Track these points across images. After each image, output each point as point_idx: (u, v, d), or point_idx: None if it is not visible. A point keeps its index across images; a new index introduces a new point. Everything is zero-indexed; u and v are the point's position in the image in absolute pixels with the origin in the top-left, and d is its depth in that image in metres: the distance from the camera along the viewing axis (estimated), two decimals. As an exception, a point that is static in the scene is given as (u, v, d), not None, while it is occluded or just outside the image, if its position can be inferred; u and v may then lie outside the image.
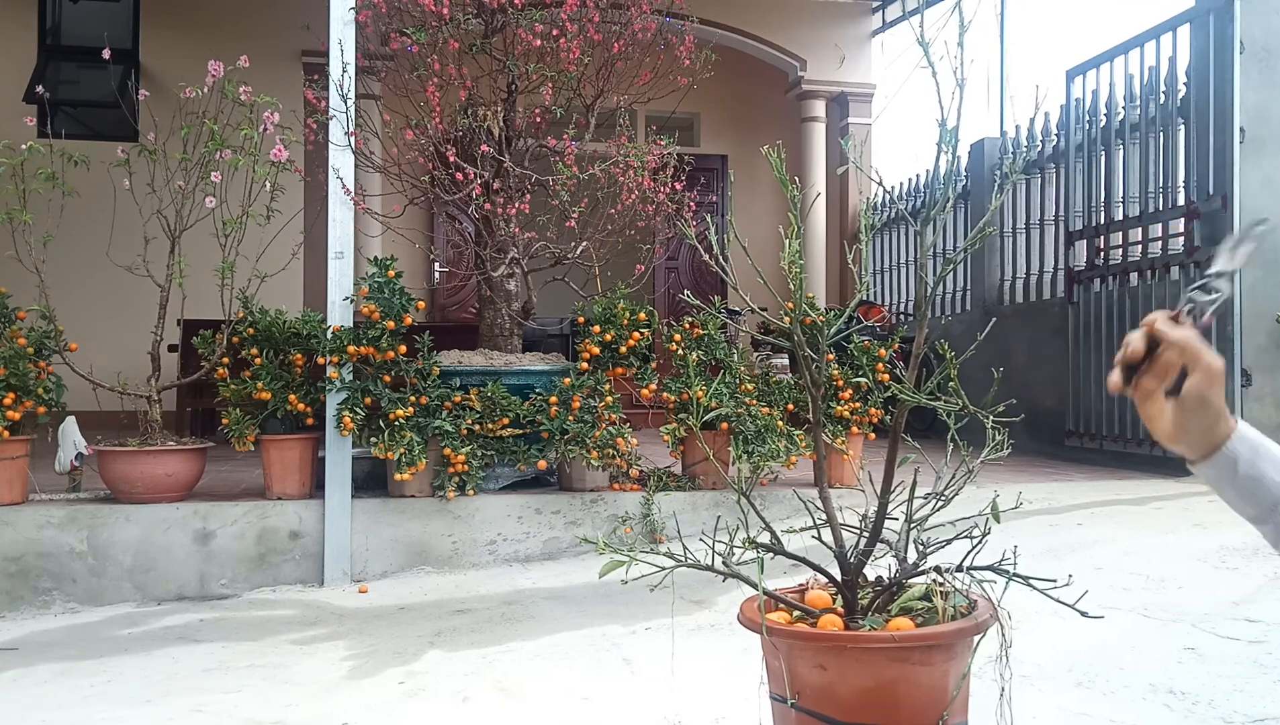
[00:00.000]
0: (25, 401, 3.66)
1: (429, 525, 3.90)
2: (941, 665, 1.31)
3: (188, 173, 3.89)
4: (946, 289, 7.97)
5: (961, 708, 1.34)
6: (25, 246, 3.73)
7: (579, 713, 2.29)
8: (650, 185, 4.39)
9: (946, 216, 1.53)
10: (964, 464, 1.44)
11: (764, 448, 4.02)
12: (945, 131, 1.33)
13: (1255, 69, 4.88)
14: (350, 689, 2.53)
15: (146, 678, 2.70)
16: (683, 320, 4.29)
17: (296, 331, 3.98)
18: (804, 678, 1.34)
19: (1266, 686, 2.12)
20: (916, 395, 1.40)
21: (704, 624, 2.89)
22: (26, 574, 3.60)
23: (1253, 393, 4.82)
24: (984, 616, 1.33)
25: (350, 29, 3.96)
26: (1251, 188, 4.85)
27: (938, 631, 1.31)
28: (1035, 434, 6.16)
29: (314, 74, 5.29)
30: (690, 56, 4.49)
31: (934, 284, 1.45)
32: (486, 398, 3.91)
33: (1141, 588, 2.88)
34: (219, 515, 3.76)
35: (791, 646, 1.35)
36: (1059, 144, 6.43)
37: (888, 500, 1.44)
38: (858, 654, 1.30)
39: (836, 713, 1.31)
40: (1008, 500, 1.58)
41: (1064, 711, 2.09)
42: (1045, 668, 2.30)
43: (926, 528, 1.47)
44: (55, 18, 8.53)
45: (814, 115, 9.49)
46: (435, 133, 4.13)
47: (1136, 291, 5.43)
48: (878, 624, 1.35)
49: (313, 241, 4.56)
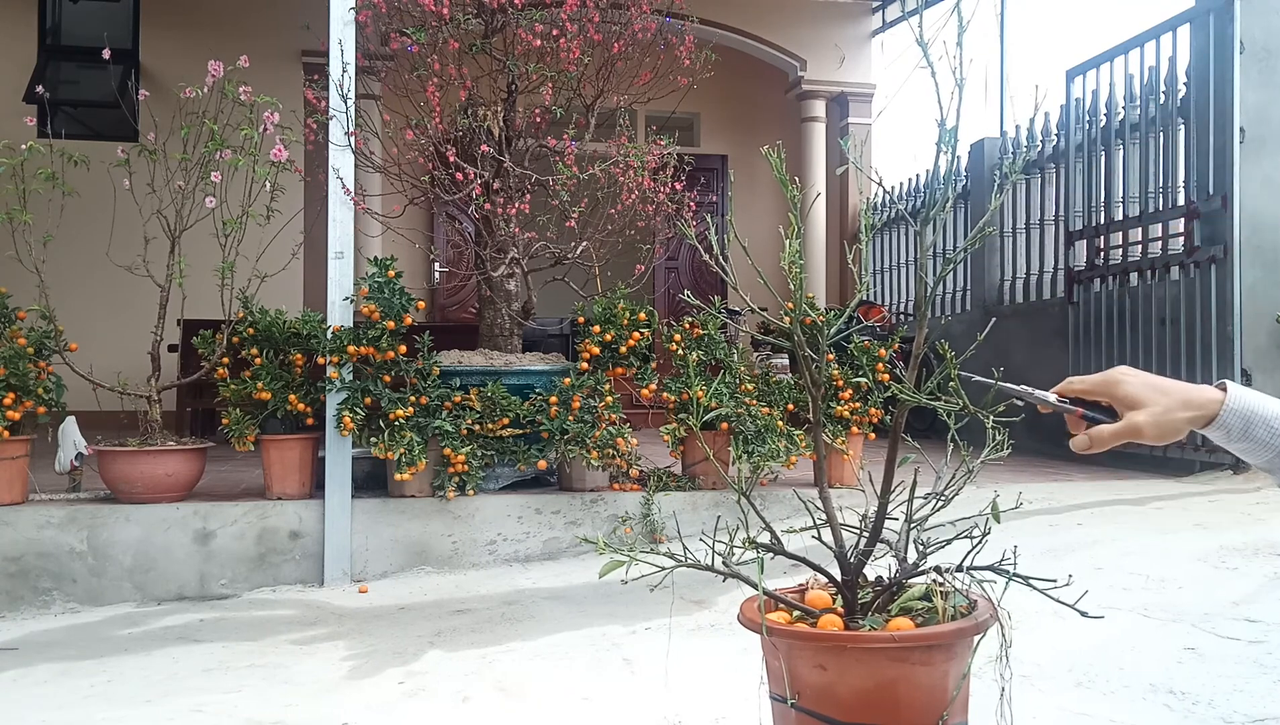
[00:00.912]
0: (25, 401, 3.66)
1: (429, 525, 3.90)
2: (942, 665, 1.31)
3: (188, 173, 3.89)
4: (946, 289, 7.97)
5: (961, 708, 1.34)
6: (25, 246, 3.73)
7: (579, 713, 2.29)
8: (650, 185, 4.39)
9: (946, 216, 1.53)
10: (964, 464, 1.44)
11: (764, 448, 4.02)
12: (945, 131, 1.33)
13: (1255, 69, 4.88)
14: (350, 689, 2.53)
15: (146, 678, 2.70)
16: (683, 320, 4.28)
17: (296, 331, 3.98)
18: (804, 678, 1.34)
19: (1266, 686, 2.12)
20: (916, 395, 1.40)
21: (704, 624, 2.89)
22: (26, 574, 3.60)
23: (1253, 393, 4.82)
24: (984, 616, 1.33)
25: (350, 29, 3.96)
26: (1251, 188, 4.85)
27: (938, 631, 1.31)
28: (1035, 434, 6.16)
29: (314, 74, 5.29)
30: (690, 56, 4.49)
31: (934, 284, 1.45)
32: (486, 398, 3.91)
33: (1141, 588, 2.88)
34: (219, 515, 3.76)
35: (791, 646, 1.35)
36: (1059, 144, 6.43)
37: (888, 500, 1.44)
38: (858, 654, 1.30)
39: (836, 713, 1.31)
40: (1008, 500, 1.58)
41: (1064, 711, 2.09)
42: (1045, 668, 2.30)
43: (926, 528, 1.46)
44: (55, 18, 8.53)
45: (814, 115, 9.49)
46: (435, 133, 4.13)
47: (1136, 291, 5.43)
48: (878, 624, 1.35)
49: (313, 241, 4.56)
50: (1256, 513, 3.68)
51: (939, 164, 1.34)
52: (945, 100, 1.33)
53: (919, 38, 1.32)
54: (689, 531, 3.76)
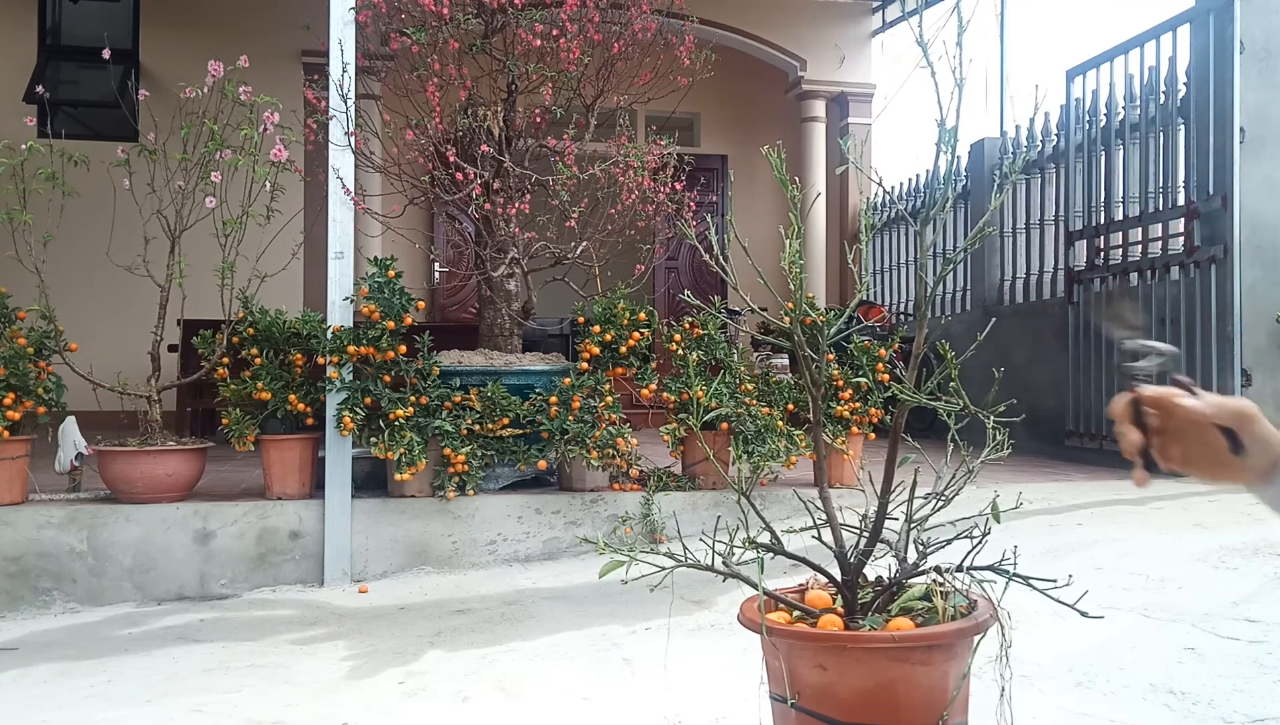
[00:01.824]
0: (25, 401, 3.66)
1: (429, 525, 3.90)
2: (941, 665, 1.31)
3: (188, 173, 3.89)
4: (946, 289, 7.97)
5: (962, 708, 1.34)
6: (25, 246, 3.73)
7: (579, 713, 2.29)
8: (650, 185, 4.39)
9: (946, 216, 1.53)
10: (964, 464, 1.44)
11: (764, 448, 4.02)
12: (944, 131, 1.33)
13: (1255, 69, 4.88)
14: (350, 689, 2.53)
15: (146, 678, 2.70)
16: (683, 320, 4.29)
17: (296, 331, 3.98)
18: (804, 678, 1.34)
19: (1266, 686, 2.12)
20: (916, 395, 1.40)
21: (704, 624, 2.89)
22: (26, 574, 3.60)
23: (1252, 393, 4.81)
24: (984, 617, 1.33)
25: (350, 29, 3.96)
26: (1251, 188, 4.85)
27: (938, 631, 1.31)
28: (1035, 434, 6.16)
29: (314, 74, 5.29)
30: (690, 56, 4.49)
31: (934, 284, 1.45)
32: (486, 398, 3.91)
33: (1141, 588, 2.88)
34: (219, 515, 3.76)
35: (791, 646, 1.35)
36: (1059, 144, 6.43)
37: (888, 500, 1.44)
38: (858, 654, 1.30)
39: (836, 713, 1.31)
40: (1008, 500, 1.58)
41: (1064, 711, 2.09)
42: (1045, 667, 2.30)
43: (927, 528, 1.47)
44: (55, 18, 8.53)
45: (814, 115, 9.49)
46: (435, 133, 4.13)
47: (1136, 291, 5.43)
48: (878, 624, 1.35)
49: (313, 241, 4.56)
50: (1256, 512, 3.68)
51: (939, 164, 1.34)
52: (945, 100, 1.33)
53: (919, 38, 1.32)
54: (689, 531, 3.76)
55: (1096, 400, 5.69)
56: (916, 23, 1.36)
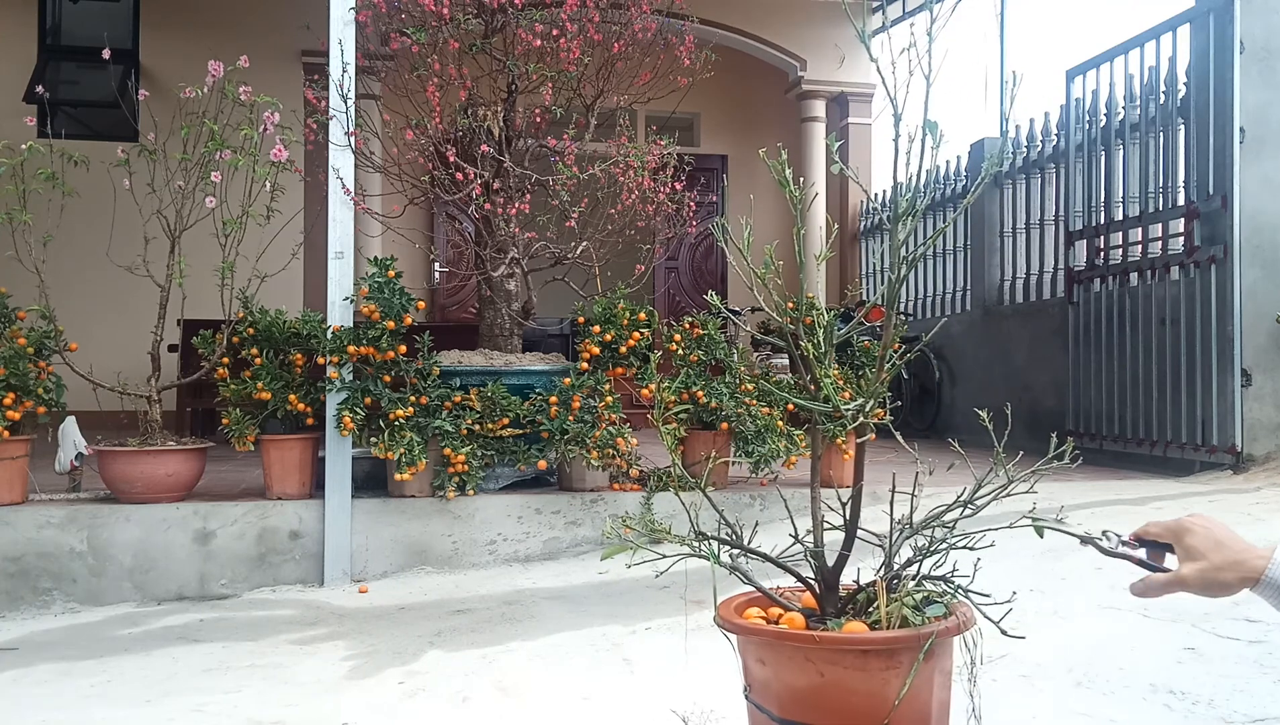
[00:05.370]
0: (25, 401, 3.66)
1: (429, 525, 3.90)
2: (879, 672, 1.28)
3: (188, 173, 3.89)
4: (946, 288, 7.97)
5: (919, 718, 1.32)
6: (25, 246, 3.73)
7: (579, 712, 2.29)
8: (650, 185, 4.39)
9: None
10: (963, 465, 1.44)
11: (764, 447, 4.02)
12: (932, 129, 1.34)
13: (1255, 69, 4.88)
14: (350, 689, 2.53)
15: (146, 678, 2.70)
16: (683, 320, 4.29)
17: (296, 331, 3.98)
18: (751, 670, 1.39)
19: (1266, 686, 2.12)
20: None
21: (704, 624, 2.89)
22: (26, 574, 3.60)
23: (1252, 392, 4.81)
24: (933, 628, 1.30)
25: (350, 29, 3.96)
26: (1251, 188, 4.85)
27: (869, 637, 1.31)
28: (1035, 434, 6.16)
29: (314, 74, 5.29)
30: (690, 56, 4.49)
31: (897, 283, 1.46)
32: (486, 398, 3.91)
33: (1141, 588, 2.87)
34: (219, 515, 3.76)
35: (741, 641, 1.40)
36: (1059, 144, 6.43)
37: (859, 508, 1.47)
38: (790, 651, 1.32)
39: (775, 708, 1.33)
40: (1008, 501, 1.58)
41: (1064, 711, 2.08)
42: (1045, 667, 2.30)
43: (927, 529, 1.47)
44: (55, 18, 8.53)
45: (814, 115, 9.49)
46: (435, 133, 4.13)
47: (1136, 291, 5.43)
48: (837, 626, 1.35)
49: (313, 241, 4.56)
50: (1256, 513, 3.68)
51: (921, 163, 1.35)
52: (943, 101, 1.33)
53: (912, 42, 1.33)
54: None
55: (1096, 400, 5.69)
56: (918, 23, 1.36)
